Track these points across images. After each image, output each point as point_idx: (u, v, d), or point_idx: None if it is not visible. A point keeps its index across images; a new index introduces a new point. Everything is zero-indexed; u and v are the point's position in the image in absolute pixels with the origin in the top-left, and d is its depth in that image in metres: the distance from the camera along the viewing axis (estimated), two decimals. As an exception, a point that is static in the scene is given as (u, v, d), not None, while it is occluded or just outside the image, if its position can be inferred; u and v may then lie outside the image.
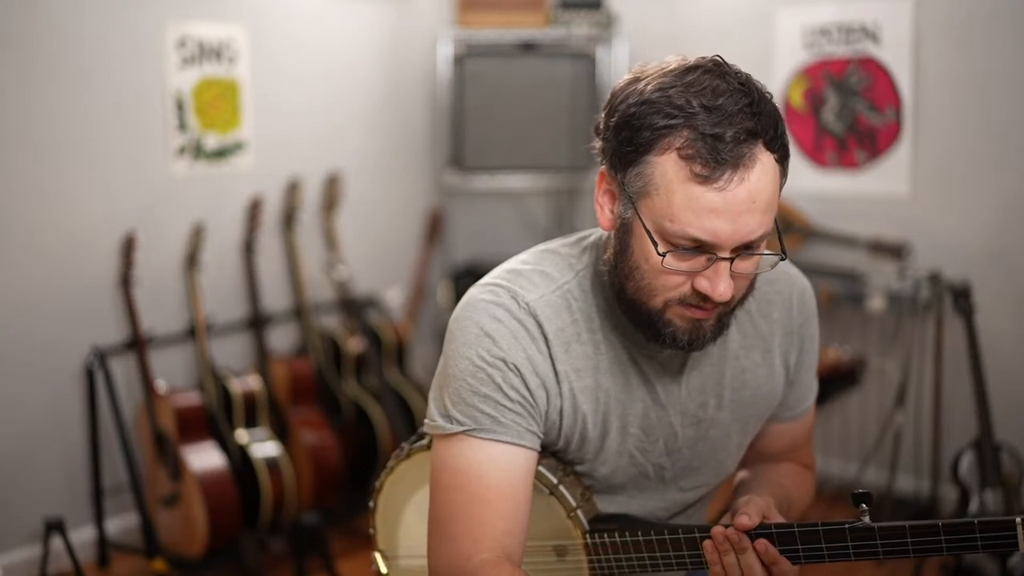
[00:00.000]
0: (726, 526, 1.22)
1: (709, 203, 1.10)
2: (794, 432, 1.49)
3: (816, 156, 3.79)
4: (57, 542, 2.96)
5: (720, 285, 1.13)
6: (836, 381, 3.41)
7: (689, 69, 1.14)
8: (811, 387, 1.47)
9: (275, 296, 3.78)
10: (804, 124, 3.80)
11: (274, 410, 3.54)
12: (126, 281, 3.29)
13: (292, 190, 3.74)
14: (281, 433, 3.50)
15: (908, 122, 3.56)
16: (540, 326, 1.25)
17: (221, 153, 3.60)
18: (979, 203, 3.44)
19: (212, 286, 3.59)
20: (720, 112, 1.10)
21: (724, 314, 1.21)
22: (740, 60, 1.21)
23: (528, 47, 4.07)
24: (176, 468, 3.18)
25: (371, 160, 4.13)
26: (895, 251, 3.48)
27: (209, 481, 3.14)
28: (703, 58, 1.16)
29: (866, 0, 3.60)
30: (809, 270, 3.60)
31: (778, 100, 3.88)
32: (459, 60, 4.02)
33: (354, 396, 3.70)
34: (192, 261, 3.46)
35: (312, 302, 3.81)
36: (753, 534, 1.21)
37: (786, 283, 1.38)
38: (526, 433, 1.25)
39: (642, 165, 1.13)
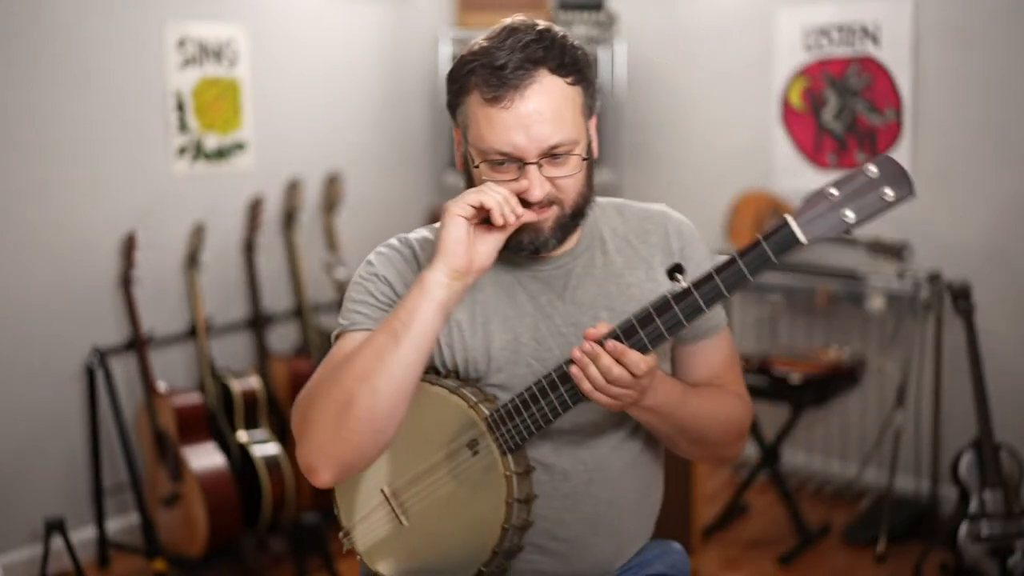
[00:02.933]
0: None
1: (502, 121, 1.35)
2: (708, 356, 1.55)
3: (816, 156, 3.79)
4: (57, 542, 2.96)
5: (533, 187, 1.36)
6: (836, 381, 3.41)
7: (500, 29, 1.40)
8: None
9: (275, 296, 3.78)
10: (804, 124, 3.80)
11: (274, 410, 3.54)
12: (126, 281, 3.29)
13: (292, 190, 3.74)
14: (281, 433, 3.50)
15: (908, 122, 3.56)
16: (414, 253, 1.51)
17: (221, 153, 3.61)
18: (979, 203, 3.44)
19: (212, 286, 3.59)
20: (506, 50, 1.35)
21: (562, 217, 1.41)
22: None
23: (528, 47, 4.07)
24: (176, 468, 3.19)
25: (371, 160, 4.13)
26: (895, 251, 3.48)
27: (209, 481, 3.14)
28: (515, 18, 1.41)
29: (866, 0, 3.60)
30: (809, 270, 3.64)
31: (778, 100, 3.90)
32: (459, 60, 4.02)
33: (354, 396, 3.69)
34: (192, 261, 3.46)
35: (312, 302, 3.82)
36: (603, 342, 1.32)
37: (661, 218, 1.56)
38: None
39: (462, 106, 1.41)
